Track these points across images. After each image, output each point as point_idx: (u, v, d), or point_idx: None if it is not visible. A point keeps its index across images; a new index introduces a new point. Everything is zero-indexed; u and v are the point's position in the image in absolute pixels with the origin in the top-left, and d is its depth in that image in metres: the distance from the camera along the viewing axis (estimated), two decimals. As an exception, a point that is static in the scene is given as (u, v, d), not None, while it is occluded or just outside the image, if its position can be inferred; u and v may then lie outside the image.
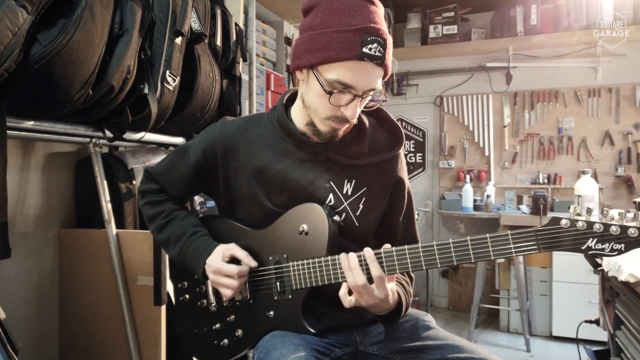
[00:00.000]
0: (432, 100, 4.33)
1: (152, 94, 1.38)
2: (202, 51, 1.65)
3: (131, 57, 1.29)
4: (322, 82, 0.98)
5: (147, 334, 1.61)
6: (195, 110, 1.63)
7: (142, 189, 1.24)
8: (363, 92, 0.98)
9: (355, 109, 1.00)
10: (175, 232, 1.16)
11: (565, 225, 0.84)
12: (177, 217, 1.18)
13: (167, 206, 1.20)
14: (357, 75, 0.96)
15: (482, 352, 1.02)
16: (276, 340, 1.00)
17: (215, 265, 1.08)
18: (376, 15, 0.97)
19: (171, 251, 1.17)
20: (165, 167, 1.21)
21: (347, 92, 0.97)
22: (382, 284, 0.96)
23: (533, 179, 3.95)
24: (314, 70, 0.99)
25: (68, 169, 1.78)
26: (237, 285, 1.07)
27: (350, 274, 0.97)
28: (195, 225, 1.16)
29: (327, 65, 0.96)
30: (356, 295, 0.97)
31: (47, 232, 1.70)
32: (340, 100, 0.99)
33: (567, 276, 3.35)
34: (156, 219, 1.19)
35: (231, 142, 1.12)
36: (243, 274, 1.08)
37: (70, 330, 1.71)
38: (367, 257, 0.97)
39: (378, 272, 0.95)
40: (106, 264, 1.62)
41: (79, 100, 1.17)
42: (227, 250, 1.09)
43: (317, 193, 1.09)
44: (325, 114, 1.02)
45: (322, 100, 1.00)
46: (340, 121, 1.02)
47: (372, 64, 0.95)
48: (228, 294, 1.08)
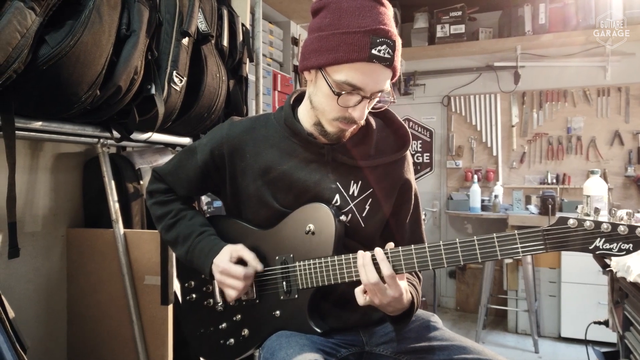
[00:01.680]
0: (439, 100, 4.31)
1: (159, 95, 1.39)
2: (208, 52, 1.66)
3: (138, 57, 1.30)
4: (330, 83, 0.98)
5: (154, 334, 1.61)
6: (202, 110, 1.64)
7: (150, 188, 1.24)
8: (371, 93, 0.98)
9: (363, 110, 1.00)
10: (183, 232, 1.16)
11: (573, 225, 0.83)
12: (185, 217, 1.18)
13: (175, 206, 1.20)
14: (366, 77, 0.96)
15: (488, 353, 1.02)
16: (282, 340, 1.01)
17: (222, 265, 1.08)
18: (385, 16, 0.96)
19: (179, 250, 1.17)
20: (172, 167, 1.21)
21: (355, 93, 0.97)
22: (393, 282, 0.95)
23: (541, 179, 3.92)
24: (322, 71, 0.99)
25: (76, 169, 1.79)
26: (242, 287, 1.07)
27: (363, 271, 0.97)
28: (202, 224, 1.17)
29: (336, 67, 0.96)
30: (370, 293, 0.97)
31: (55, 231, 1.71)
32: (349, 102, 0.99)
33: (576, 277, 3.32)
34: (164, 219, 1.20)
35: (238, 142, 1.13)
36: (249, 276, 1.08)
37: (78, 329, 1.72)
38: (378, 256, 0.97)
39: (388, 271, 0.95)
40: (114, 264, 1.63)
41: (86, 101, 1.18)
42: (235, 251, 1.09)
43: (323, 193, 1.09)
44: (333, 115, 1.02)
45: (330, 101, 1.00)
46: (348, 122, 1.02)
47: (381, 65, 0.95)
48: (233, 295, 1.09)
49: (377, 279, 0.95)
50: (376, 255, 0.97)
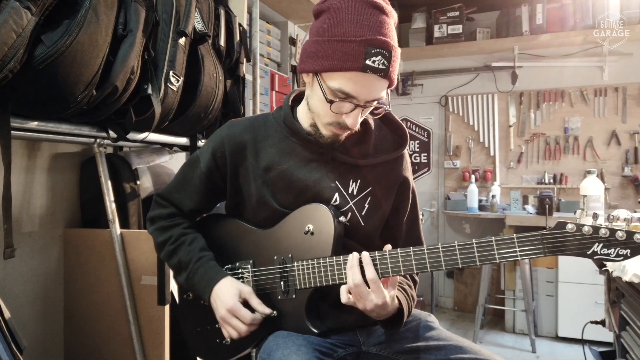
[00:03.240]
0: (437, 100, 4.32)
1: (155, 95, 1.38)
2: (205, 51, 1.65)
3: (135, 57, 1.29)
4: (324, 90, 0.98)
5: (151, 333, 1.61)
6: (199, 110, 1.63)
7: (152, 215, 1.21)
8: (365, 102, 0.98)
9: (356, 118, 1.00)
10: (183, 258, 1.13)
11: (571, 229, 0.84)
12: (185, 242, 1.15)
13: (176, 231, 1.16)
14: (359, 87, 0.95)
15: (485, 353, 1.02)
16: (279, 341, 1.00)
17: (231, 304, 1.05)
18: (384, 25, 0.95)
19: (180, 278, 1.16)
20: (177, 182, 1.20)
21: (348, 101, 0.97)
22: (377, 288, 0.95)
23: (539, 179, 3.92)
24: (317, 77, 0.99)
25: (73, 169, 1.78)
26: (245, 332, 1.05)
27: (350, 272, 0.97)
28: (202, 249, 1.14)
29: (330, 74, 0.96)
30: (354, 295, 0.97)
31: (52, 232, 1.71)
32: (342, 109, 0.99)
33: (573, 277, 3.33)
34: (165, 246, 1.16)
35: (239, 142, 1.12)
36: (256, 322, 1.06)
37: (75, 329, 1.72)
38: (364, 259, 0.97)
39: (372, 275, 0.95)
40: (111, 264, 1.62)
41: (83, 101, 1.18)
42: (243, 292, 1.07)
43: (322, 192, 1.09)
44: (327, 119, 1.02)
45: (324, 106, 1.00)
46: (342, 128, 1.03)
47: (375, 76, 0.94)
48: (234, 335, 1.07)
49: (360, 281, 0.95)
50: (362, 258, 0.97)
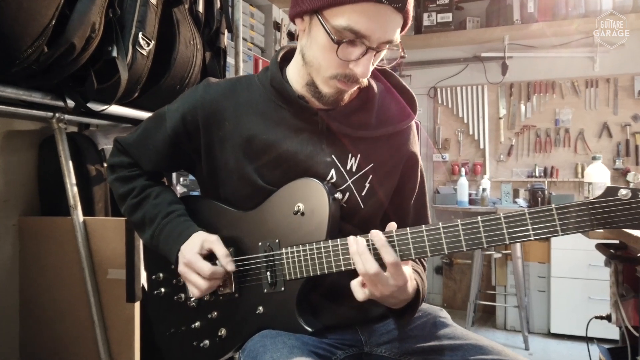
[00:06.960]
0: (425, 92, 4.22)
1: (121, 58, 1.21)
2: (181, 16, 1.48)
3: (97, 13, 1.12)
4: (328, 30, 0.82)
5: (119, 334, 1.50)
6: (174, 81, 1.47)
7: (112, 162, 1.09)
8: (378, 44, 0.83)
9: (367, 66, 0.85)
10: (148, 213, 1.02)
11: (626, 196, 0.69)
12: (150, 195, 1.04)
13: (140, 182, 1.06)
14: (373, 22, 0.81)
15: (510, 354, 0.88)
16: (266, 341, 0.86)
17: (188, 256, 0.93)
18: None
19: (144, 235, 1.03)
20: (138, 136, 1.06)
21: (358, 43, 0.83)
22: (396, 271, 0.79)
23: (529, 172, 3.87)
24: (319, 16, 0.83)
25: (30, 149, 1.64)
26: (206, 288, 0.93)
27: (358, 259, 0.81)
28: (171, 202, 1.02)
29: (336, 9, 0.81)
30: (369, 285, 0.81)
31: (5, 220, 1.59)
32: (350, 54, 0.83)
33: (566, 272, 3.29)
34: (127, 198, 1.05)
35: (215, 108, 0.97)
36: (216, 276, 0.93)
37: (32, 330, 1.59)
38: (377, 241, 0.81)
39: (392, 258, 0.79)
40: (73, 256, 1.50)
41: (31, 57, 1.00)
42: (207, 241, 0.94)
43: (316, 168, 0.94)
44: (331, 71, 0.86)
45: (327, 54, 0.84)
46: (348, 81, 0.87)
47: (391, 7, 0.80)
48: (196, 294, 0.95)
49: (377, 268, 0.79)
50: (374, 240, 0.81)
